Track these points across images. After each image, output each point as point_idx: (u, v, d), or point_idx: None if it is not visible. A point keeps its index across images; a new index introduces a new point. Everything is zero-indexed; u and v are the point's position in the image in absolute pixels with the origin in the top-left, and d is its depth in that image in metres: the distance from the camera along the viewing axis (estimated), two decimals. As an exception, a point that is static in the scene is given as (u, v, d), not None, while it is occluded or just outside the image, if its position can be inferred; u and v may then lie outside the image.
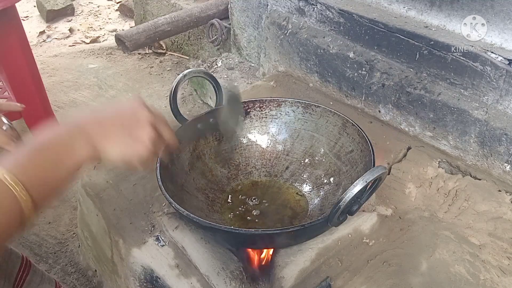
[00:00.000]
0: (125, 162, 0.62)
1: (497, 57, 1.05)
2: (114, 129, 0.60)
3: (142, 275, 0.96)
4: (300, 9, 1.51)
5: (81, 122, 0.60)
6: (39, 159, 0.54)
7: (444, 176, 1.14)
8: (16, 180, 0.49)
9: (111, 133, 0.60)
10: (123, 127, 0.61)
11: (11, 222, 0.49)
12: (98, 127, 0.60)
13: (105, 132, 0.60)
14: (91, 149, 0.58)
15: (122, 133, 0.61)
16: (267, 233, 0.80)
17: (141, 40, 2.01)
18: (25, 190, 0.50)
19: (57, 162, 0.54)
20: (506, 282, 0.89)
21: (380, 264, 0.93)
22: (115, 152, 0.60)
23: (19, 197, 0.49)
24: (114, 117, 0.62)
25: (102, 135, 0.59)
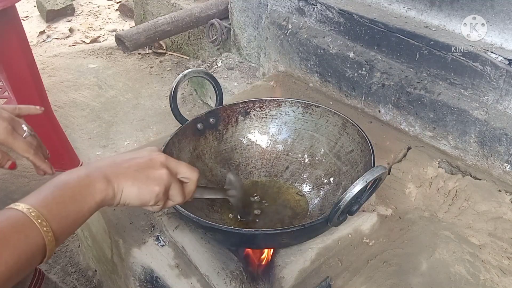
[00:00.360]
0: (141, 202, 0.65)
1: (497, 57, 1.05)
2: (130, 170, 0.64)
3: (142, 275, 0.96)
4: (300, 9, 1.51)
5: (100, 165, 0.64)
6: (61, 195, 0.57)
7: (444, 176, 1.14)
8: (39, 215, 0.53)
9: (127, 174, 0.64)
10: (139, 168, 0.65)
11: (35, 253, 0.52)
12: (115, 169, 0.64)
13: (122, 173, 0.63)
14: (109, 189, 0.61)
15: (138, 174, 0.64)
16: (267, 233, 0.80)
17: (141, 40, 2.01)
18: (47, 223, 0.53)
19: (77, 199, 0.58)
20: (506, 282, 0.89)
21: (380, 264, 0.93)
22: (131, 192, 0.63)
23: (42, 230, 0.52)
24: (131, 160, 0.66)
25: (119, 176, 0.63)
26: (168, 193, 0.68)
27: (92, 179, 0.60)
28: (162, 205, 0.68)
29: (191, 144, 1.06)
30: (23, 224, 0.52)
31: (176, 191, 0.69)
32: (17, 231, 0.51)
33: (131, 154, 0.68)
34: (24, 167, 1.82)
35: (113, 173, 0.62)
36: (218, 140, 1.12)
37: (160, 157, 0.68)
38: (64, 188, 0.58)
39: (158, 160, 0.67)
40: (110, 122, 2.16)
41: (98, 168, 0.63)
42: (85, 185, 0.59)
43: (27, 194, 0.56)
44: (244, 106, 1.13)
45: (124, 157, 0.67)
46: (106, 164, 0.64)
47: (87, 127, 2.12)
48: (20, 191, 1.68)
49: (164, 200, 0.67)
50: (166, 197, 0.68)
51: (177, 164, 0.70)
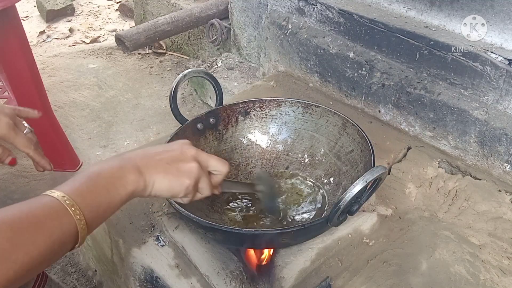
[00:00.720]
0: (171, 194, 0.67)
1: (497, 57, 1.05)
2: (162, 163, 0.66)
3: (142, 275, 0.96)
4: (300, 9, 1.51)
5: (132, 156, 0.65)
6: (93, 185, 0.58)
7: (444, 176, 1.14)
8: (73, 203, 0.54)
9: (159, 166, 0.65)
10: (170, 161, 0.66)
11: (67, 240, 0.54)
12: (147, 161, 0.65)
13: (154, 165, 0.65)
14: (141, 180, 0.63)
15: (169, 166, 0.66)
16: (267, 233, 0.80)
17: (141, 40, 2.01)
18: (80, 210, 0.54)
19: (109, 188, 0.59)
20: (506, 282, 0.89)
21: (380, 264, 0.93)
22: (163, 184, 0.65)
23: (75, 218, 0.54)
24: (162, 153, 0.68)
25: (151, 168, 0.64)
26: (197, 186, 0.69)
27: (125, 170, 0.61)
28: (191, 197, 0.70)
29: (191, 144, 1.06)
30: (58, 211, 0.53)
31: (205, 184, 0.70)
32: (52, 218, 0.52)
33: (162, 147, 0.70)
34: (24, 167, 1.82)
35: (145, 165, 0.64)
36: (218, 140, 1.12)
37: (191, 151, 0.69)
38: (97, 178, 0.59)
39: (189, 153, 0.69)
40: (110, 122, 2.16)
41: (130, 159, 0.64)
42: (117, 176, 0.61)
43: (27, 194, 0.57)
44: (244, 106, 1.13)
45: (156, 149, 0.68)
46: (138, 156, 0.66)
47: (87, 127, 2.12)
48: (20, 191, 1.68)
49: (193, 192, 0.69)
50: (196, 190, 0.70)
51: (208, 157, 0.72)
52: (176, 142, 0.72)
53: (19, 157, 1.88)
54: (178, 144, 0.71)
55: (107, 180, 0.60)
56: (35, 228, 0.50)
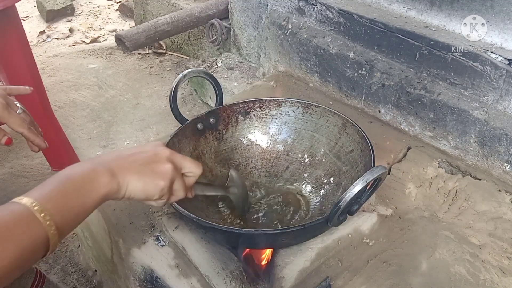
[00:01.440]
0: (146, 196, 0.65)
1: (497, 57, 1.05)
2: (135, 164, 0.65)
3: (142, 275, 0.96)
4: (300, 9, 1.51)
5: (104, 159, 0.64)
6: (64, 188, 0.57)
7: (444, 176, 1.14)
8: (42, 209, 0.52)
9: (132, 168, 0.64)
10: (144, 162, 0.65)
11: (38, 247, 0.52)
12: (121, 162, 0.64)
13: (127, 167, 0.64)
14: (114, 182, 0.61)
15: (144, 168, 0.65)
16: (267, 233, 0.80)
17: (141, 40, 2.01)
18: (50, 216, 0.53)
19: (81, 192, 0.58)
20: (506, 282, 0.89)
21: (380, 264, 0.93)
22: (137, 186, 0.64)
23: (44, 224, 0.52)
24: (136, 154, 0.67)
25: (125, 170, 0.63)
26: (172, 188, 0.68)
27: (97, 173, 0.60)
28: (165, 200, 0.69)
29: (191, 144, 1.06)
30: (27, 218, 0.52)
31: (180, 185, 0.69)
32: (20, 225, 0.51)
33: (136, 149, 0.68)
34: (24, 167, 1.82)
35: (118, 167, 0.63)
36: (218, 140, 1.12)
37: (165, 152, 0.68)
38: (68, 181, 0.58)
39: (164, 154, 0.68)
40: (110, 122, 2.16)
41: (103, 162, 0.63)
42: (89, 178, 0.59)
43: None
44: (244, 106, 1.13)
45: (129, 151, 0.67)
46: (111, 158, 0.64)
47: (87, 127, 2.12)
48: (20, 191, 1.68)
49: (168, 194, 0.68)
50: (170, 192, 0.69)
51: (182, 158, 0.70)
52: (150, 144, 0.71)
53: (19, 157, 1.89)
54: (152, 145, 0.70)
55: (78, 183, 0.58)
56: (3, 237, 0.49)
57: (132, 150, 0.68)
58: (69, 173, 0.59)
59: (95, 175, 0.60)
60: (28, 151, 1.90)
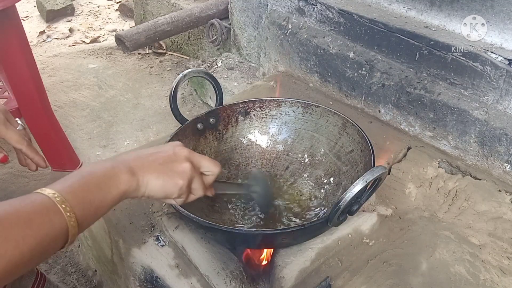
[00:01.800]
0: (165, 194, 0.67)
1: (497, 57, 1.05)
2: (155, 164, 0.66)
3: (142, 275, 0.96)
4: (300, 9, 1.51)
5: (125, 158, 0.66)
6: (86, 183, 0.59)
7: (444, 176, 1.14)
8: (63, 200, 0.54)
9: (152, 167, 0.66)
10: (163, 162, 0.67)
11: (57, 237, 0.53)
12: (141, 162, 0.66)
13: (147, 166, 0.65)
14: (134, 180, 0.63)
15: (162, 167, 0.66)
16: (267, 233, 0.80)
17: (141, 40, 2.01)
18: (70, 208, 0.54)
19: (102, 187, 0.60)
20: (506, 282, 0.89)
21: (380, 264, 0.93)
22: (156, 184, 0.65)
23: (65, 215, 0.54)
24: (155, 154, 0.68)
25: (144, 169, 0.65)
26: (190, 187, 0.70)
27: (117, 171, 0.62)
28: (184, 198, 0.70)
29: (191, 144, 1.06)
30: (48, 208, 0.53)
31: (198, 184, 0.71)
32: (42, 214, 0.52)
33: (155, 148, 0.70)
34: (24, 167, 1.82)
35: (138, 166, 0.65)
36: (218, 140, 1.12)
37: (183, 151, 0.70)
38: (89, 176, 0.59)
39: (182, 154, 0.69)
40: (110, 122, 2.16)
41: (123, 160, 0.65)
42: (110, 175, 0.61)
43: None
44: (244, 106, 1.13)
45: (148, 151, 0.69)
46: (131, 158, 0.66)
47: (87, 127, 2.11)
48: (20, 191, 1.68)
49: (187, 193, 0.70)
50: (189, 191, 0.70)
51: (200, 158, 0.72)
52: (169, 144, 0.73)
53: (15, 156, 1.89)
54: (171, 146, 0.72)
55: (99, 178, 0.60)
56: (25, 223, 0.50)
57: (151, 150, 0.70)
58: (91, 169, 0.61)
59: (116, 172, 0.62)
60: (28, 151, 1.90)
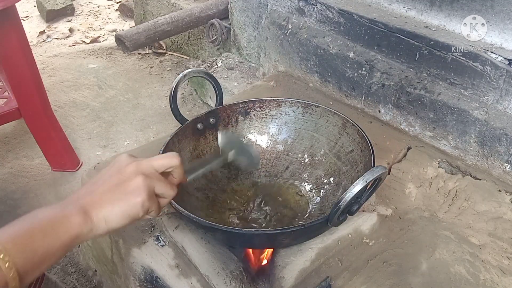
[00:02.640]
0: (130, 219, 0.61)
1: (497, 57, 1.05)
2: (105, 194, 0.61)
3: (142, 275, 0.96)
4: (300, 9, 1.51)
5: (76, 196, 0.61)
6: (30, 229, 0.53)
7: (444, 176, 1.14)
8: (1, 249, 0.49)
9: (104, 199, 0.60)
10: (113, 188, 0.61)
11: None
12: (91, 198, 0.60)
13: (98, 200, 0.60)
14: (88, 221, 0.58)
15: (114, 194, 0.61)
16: (267, 233, 0.80)
17: (141, 40, 2.01)
18: (9, 257, 0.49)
19: (48, 233, 0.54)
20: (506, 282, 0.89)
21: (380, 264, 0.93)
22: (116, 215, 0.60)
23: (3, 266, 0.49)
24: (102, 182, 0.62)
25: (96, 205, 0.59)
26: (155, 195, 0.64)
27: (67, 213, 0.57)
28: (156, 209, 0.65)
29: (191, 144, 1.06)
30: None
31: (163, 187, 0.65)
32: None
33: (101, 175, 0.64)
34: (24, 167, 1.82)
35: (89, 204, 0.59)
36: (218, 140, 1.12)
37: (129, 167, 0.63)
38: (35, 222, 0.54)
39: (128, 170, 0.62)
40: (110, 122, 2.16)
41: (74, 201, 0.59)
42: (57, 219, 0.56)
43: (27, 194, 0.55)
44: (244, 106, 1.13)
45: (97, 181, 0.63)
46: (82, 195, 0.61)
47: (87, 127, 2.11)
48: (20, 191, 1.68)
49: (155, 203, 0.64)
50: (155, 200, 0.64)
51: (149, 162, 0.65)
52: (114, 162, 0.65)
53: (19, 157, 1.89)
54: (115, 165, 0.64)
55: (45, 224, 0.54)
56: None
57: (99, 179, 0.63)
58: (38, 213, 0.56)
59: (65, 215, 0.56)
60: (28, 151, 1.91)
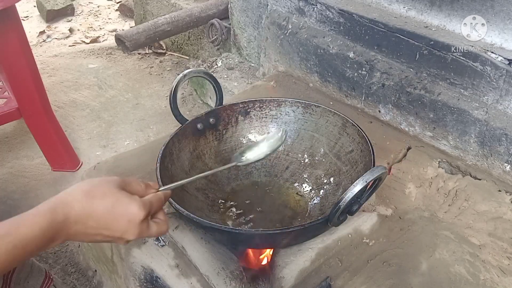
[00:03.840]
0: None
1: (497, 57, 1.05)
2: (95, 238, 0.62)
3: (142, 275, 0.96)
4: (300, 9, 1.51)
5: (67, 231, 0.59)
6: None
7: (444, 176, 1.14)
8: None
9: (89, 239, 0.62)
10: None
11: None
12: (80, 238, 0.61)
13: (83, 238, 0.62)
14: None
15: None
16: (267, 233, 0.80)
17: (141, 40, 2.01)
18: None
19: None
20: (506, 282, 0.89)
21: (380, 264, 0.93)
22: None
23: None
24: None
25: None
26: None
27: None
28: (147, 232, 0.65)
29: (191, 144, 1.06)
30: None
31: (154, 231, 0.66)
32: None
33: (106, 227, 0.61)
34: (24, 167, 1.82)
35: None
36: (218, 140, 1.12)
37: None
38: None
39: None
40: (110, 122, 2.16)
41: (63, 228, 0.58)
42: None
43: (27, 194, 0.55)
44: (244, 106, 1.13)
45: (98, 231, 0.61)
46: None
47: (87, 127, 2.11)
48: (20, 191, 1.68)
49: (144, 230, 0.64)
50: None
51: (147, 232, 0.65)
52: (125, 222, 0.62)
53: (19, 157, 1.89)
54: (124, 227, 0.62)
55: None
56: None
57: (101, 229, 0.61)
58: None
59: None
60: (28, 151, 1.90)
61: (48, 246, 0.57)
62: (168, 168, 0.95)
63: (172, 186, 0.73)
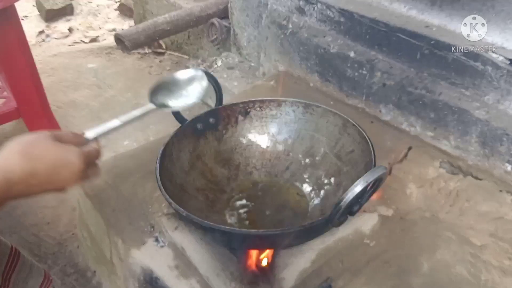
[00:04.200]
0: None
1: (498, 57, 1.04)
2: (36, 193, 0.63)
3: (142, 276, 0.96)
4: (300, 8, 1.50)
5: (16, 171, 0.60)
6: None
7: (445, 176, 1.13)
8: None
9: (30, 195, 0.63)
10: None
11: None
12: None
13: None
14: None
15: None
16: (267, 233, 0.80)
17: (140, 39, 2.01)
18: None
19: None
20: (507, 283, 0.88)
21: (381, 265, 0.93)
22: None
23: None
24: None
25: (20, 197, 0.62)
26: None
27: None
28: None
29: (191, 144, 1.06)
30: None
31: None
32: None
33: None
34: (23, 167, 1.81)
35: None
36: (218, 140, 1.12)
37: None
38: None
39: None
40: (109, 122, 2.15)
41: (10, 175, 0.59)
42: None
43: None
44: (244, 106, 1.13)
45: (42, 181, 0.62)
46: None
47: (86, 127, 2.11)
48: (19, 191, 1.68)
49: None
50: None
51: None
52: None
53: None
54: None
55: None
56: None
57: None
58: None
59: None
60: (27, 151, 1.90)
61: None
62: (168, 168, 0.95)
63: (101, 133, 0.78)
